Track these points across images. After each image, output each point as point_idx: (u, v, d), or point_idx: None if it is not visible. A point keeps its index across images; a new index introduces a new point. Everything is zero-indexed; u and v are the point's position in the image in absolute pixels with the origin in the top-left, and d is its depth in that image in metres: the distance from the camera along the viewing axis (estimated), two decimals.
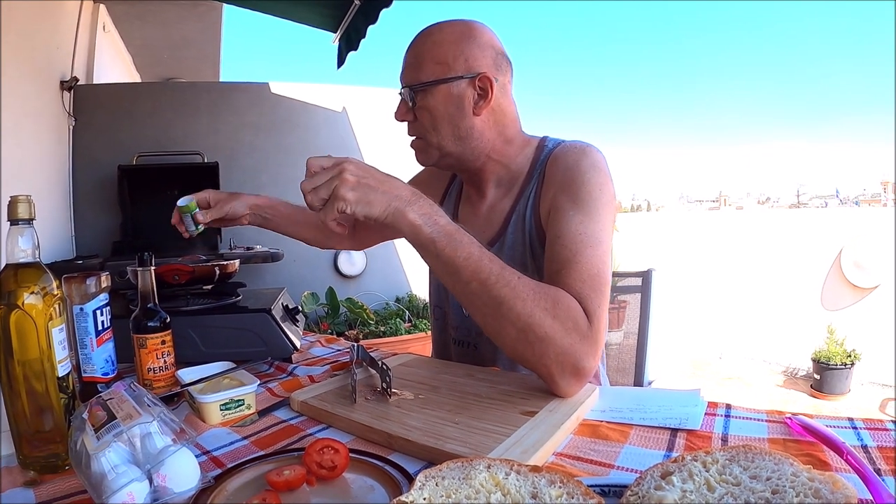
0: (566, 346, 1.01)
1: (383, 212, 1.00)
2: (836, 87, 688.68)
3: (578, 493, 0.62)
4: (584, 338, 1.02)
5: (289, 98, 4.97)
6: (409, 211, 1.01)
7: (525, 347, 1.02)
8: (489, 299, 1.01)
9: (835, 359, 4.79)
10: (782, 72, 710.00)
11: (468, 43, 1.29)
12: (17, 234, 0.84)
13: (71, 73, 4.14)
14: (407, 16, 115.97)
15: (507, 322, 1.01)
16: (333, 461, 0.76)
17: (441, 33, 1.31)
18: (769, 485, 0.58)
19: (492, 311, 1.02)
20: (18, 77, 3.13)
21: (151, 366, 1.16)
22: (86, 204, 4.33)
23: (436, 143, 1.34)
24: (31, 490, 0.78)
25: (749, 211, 13.50)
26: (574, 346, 1.01)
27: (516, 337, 1.02)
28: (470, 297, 1.04)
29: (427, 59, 1.30)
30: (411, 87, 1.32)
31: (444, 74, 1.29)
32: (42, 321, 0.83)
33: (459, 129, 1.32)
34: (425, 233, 1.01)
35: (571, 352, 1.01)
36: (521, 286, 1.02)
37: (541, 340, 1.00)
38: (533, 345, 1.01)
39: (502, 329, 1.03)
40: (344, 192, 0.98)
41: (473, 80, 1.29)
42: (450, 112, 1.30)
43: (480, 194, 1.48)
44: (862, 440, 0.84)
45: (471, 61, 1.29)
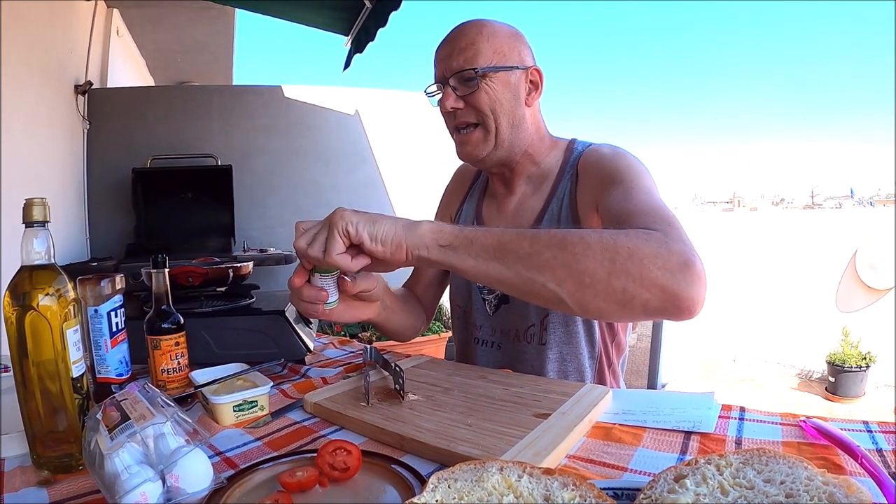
0: (657, 249, 0.90)
1: (392, 232, 0.95)
2: (849, 87, 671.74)
3: (591, 495, 0.62)
4: (668, 236, 0.93)
5: (301, 101, 4.99)
6: (423, 222, 0.97)
7: (620, 279, 0.89)
8: (552, 248, 0.91)
9: (849, 361, 4.75)
10: (796, 71, 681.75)
11: (518, 39, 1.36)
12: (32, 236, 0.85)
13: (85, 77, 4.18)
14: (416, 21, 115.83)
15: (585, 260, 0.89)
16: (346, 463, 0.77)
17: (493, 27, 1.34)
18: (783, 488, 0.58)
19: (560, 261, 0.90)
20: (33, 81, 3.16)
21: (165, 367, 1.17)
22: (100, 206, 4.37)
23: (493, 128, 1.35)
24: (45, 490, 0.79)
25: (763, 212, 13.43)
26: (664, 245, 0.90)
27: (604, 273, 0.89)
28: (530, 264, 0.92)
29: (485, 46, 1.31)
30: (475, 70, 1.30)
31: (503, 62, 1.32)
32: (57, 322, 0.84)
33: (514, 117, 1.35)
34: (449, 228, 0.96)
35: (666, 252, 0.90)
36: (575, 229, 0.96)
37: (630, 257, 0.89)
38: (626, 268, 0.88)
39: (584, 276, 0.90)
40: (342, 213, 0.96)
41: (527, 71, 1.35)
42: (508, 99, 1.34)
43: (510, 191, 1.49)
44: (877, 443, 0.83)
45: (523, 55, 1.35)
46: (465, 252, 0.94)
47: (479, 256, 0.94)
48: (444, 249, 0.95)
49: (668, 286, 0.88)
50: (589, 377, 1.40)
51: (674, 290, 0.88)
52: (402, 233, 0.95)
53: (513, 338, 1.44)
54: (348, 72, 4.31)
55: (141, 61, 6.60)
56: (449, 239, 0.95)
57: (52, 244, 0.87)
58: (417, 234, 0.95)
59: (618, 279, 0.89)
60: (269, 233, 4.75)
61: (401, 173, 5.18)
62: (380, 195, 5.13)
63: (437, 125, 1.58)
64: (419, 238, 0.95)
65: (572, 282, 0.90)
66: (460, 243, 0.94)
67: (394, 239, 0.95)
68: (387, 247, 0.95)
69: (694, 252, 0.91)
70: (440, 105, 1.37)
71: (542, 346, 1.40)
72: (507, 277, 0.94)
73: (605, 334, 1.43)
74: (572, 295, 0.91)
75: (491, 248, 0.93)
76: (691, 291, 0.89)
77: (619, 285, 0.89)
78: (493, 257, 0.93)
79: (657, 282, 0.88)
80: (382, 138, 5.20)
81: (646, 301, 0.90)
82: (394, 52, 67.03)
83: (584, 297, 0.91)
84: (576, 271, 0.90)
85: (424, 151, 5.14)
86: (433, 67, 1.40)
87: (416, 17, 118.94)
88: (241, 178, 4.40)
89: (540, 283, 0.92)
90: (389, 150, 5.19)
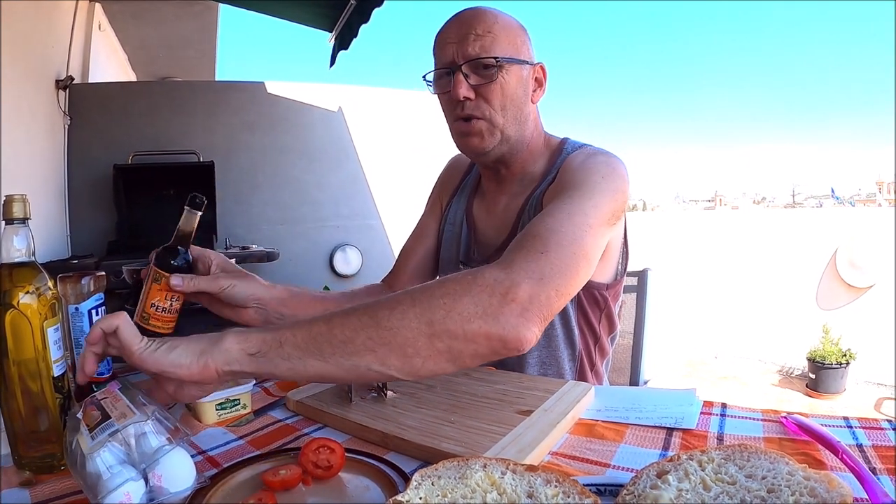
0: (476, 295, 0.85)
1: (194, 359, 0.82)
2: (831, 88, 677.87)
3: (574, 492, 0.62)
4: (495, 273, 0.89)
5: (285, 97, 4.96)
6: (222, 340, 0.85)
7: (443, 336, 0.84)
8: (367, 328, 0.84)
9: (830, 358, 4.80)
10: (778, 72, 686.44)
11: (525, 35, 1.32)
12: (12, 233, 0.84)
13: (66, 72, 4.13)
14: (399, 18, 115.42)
15: (404, 331, 0.84)
16: (329, 461, 0.76)
17: (505, 19, 1.29)
18: (765, 484, 0.58)
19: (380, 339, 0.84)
20: (13, 76, 3.13)
21: (156, 303, 1.08)
22: (81, 203, 4.32)
23: (501, 124, 1.29)
24: (27, 490, 0.78)
25: (745, 211, 13.53)
26: (485, 286, 0.86)
27: (426, 336, 0.84)
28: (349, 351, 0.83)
29: (502, 36, 1.26)
30: (496, 59, 1.24)
31: (517, 56, 1.28)
32: (37, 321, 0.83)
33: (522, 113, 1.32)
34: (255, 335, 0.86)
35: (486, 293, 0.86)
36: (385, 298, 0.89)
37: (448, 314, 0.84)
38: (446, 326, 0.84)
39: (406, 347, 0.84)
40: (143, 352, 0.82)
41: (534, 67, 1.32)
42: (518, 94, 1.29)
43: (501, 189, 1.46)
44: (857, 439, 0.84)
45: (531, 51, 1.32)
46: (277, 356, 0.83)
47: (292, 357, 0.83)
48: (253, 358, 0.83)
49: (491, 333, 0.84)
50: (569, 379, 1.39)
51: (498, 334, 0.85)
52: (204, 350, 0.83)
53: None
54: (332, 69, 4.30)
55: (123, 56, 6.55)
56: (257, 346, 0.84)
57: (32, 241, 0.86)
58: (223, 349, 0.83)
59: (440, 340, 0.84)
60: (251, 230, 4.72)
61: (384, 171, 5.16)
62: (363, 192, 5.12)
63: (420, 123, 1.58)
64: (225, 353, 0.83)
65: (395, 357, 0.84)
66: (269, 348, 0.84)
67: (194, 360, 0.82)
68: (191, 369, 0.82)
69: (525, 279, 0.88)
70: (451, 92, 1.26)
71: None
72: (328, 371, 0.85)
73: (588, 338, 1.43)
74: (400, 369, 0.85)
75: (303, 345, 0.84)
76: (516, 331, 0.85)
77: (444, 346, 0.84)
78: (307, 354, 0.84)
79: (479, 332, 0.84)
80: (366, 136, 5.19)
81: (474, 351, 0.86)
82: (377, 50, 64.81)
83: (413, 367, 0.85)
84: (396, 346, 0.84)
85: (408, 149, 5.12)
86: (437, 49, 1.32)
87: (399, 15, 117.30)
88: (223, 174, 4.37)
89: (364, 367, 0.84)
90: (373, 148, 5.18)
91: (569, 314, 1.39)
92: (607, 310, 1.42)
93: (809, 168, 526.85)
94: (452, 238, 1.54)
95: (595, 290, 1.38)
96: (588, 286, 1.35)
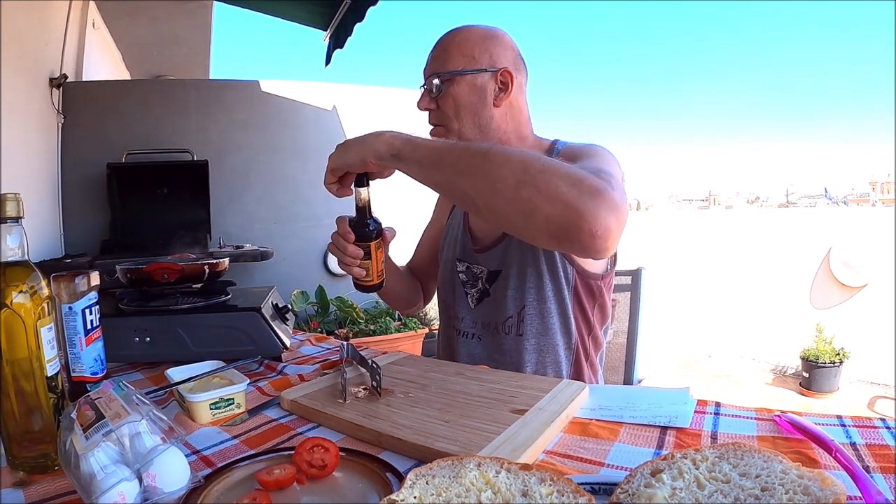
0: (573, 172, 0.93)
1: (356, 153, 1.13)
2: (823, 88, 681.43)
3: (569, 490, 0.62)
4: (593, 176, 0.95)
5: (279, 96, 4.95)
6: (379, 137, 1.11)
7: (528, 189, 0.93)
8: (476, 157, 1.00)
9: (823, 357, 4.82)
10: (771, 72, 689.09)
11: (492, 41, 1.39)
12: (6, 232, 0.84)
13: (60, 70, 4.11)
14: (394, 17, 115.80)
15: (501, 169, 0.96)
16: (324, 460, 0.76)
17: (469, 31, 1.40)
18: (758, 482, 0.59)
19: (480, 168, 0.98)
20: (6, 74, 3.11)
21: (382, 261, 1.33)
22: (74, 202, 4.31)
23: (456, 129, 1.40)
24: (21, 491, 0.78)
25: (738, 210, 13.56)
26: (582, 175, 0.93)
27: (515, 182, 0.94)
28: (455, 170, 1.02)
29: (455, 51, 1.38)
30: (438, 76, 1.39)
31: (470, 66, 1.37)
32: (31, 320, 0.83)
33: (480, 118, 1.39)
34: (402, 137, 1.08)
35: (584, 176, 0.93)
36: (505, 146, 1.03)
37: (542, 171, 0.93)
38: (536, 179, 0.93)
39: (497, 182, 0.96)
40: (331, 154, 1.17)
41: (496, 73, 1.38)
42: (472, 101, 1.38)
43: None
44: (851, 438, 0.84)
45: (494, 57, 1.38)
46: (410, 159, 1.07)
47: (421, 164, 1.06)
48: (395, 157, 1.09)
49: (571, 203, 0.90)
50: (565, 368, 1.44)
51: (577, 207, 0.90)
52: (362, 146, 1.12)
53: (493, 330, 1.48)
54: (327, 67, 4.30)
55: (117, 54, 6.52)
56: (399, 147, 1.08)
57: (25, 240, 0.86)
58: (375, 144, 1.10)
59: (525, 188, 0.93)
60: (245, 229, 4.71)
61: None
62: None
63: (415, 122, 1.59)
64: (375, 148, 1.10)
65: (486, 188, 0.98)
66: (407, 151, 1.07)
67: (355, 155, 1.13)
68: (353, 165, 1.14)
69: (616, 189, 0.93)
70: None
71: (519, 336, 1.44)
72: (441, 182, 1.07)
73: (582, 328, 1.46)
74: (485, 199, 0.99)
75: (431, 156, 1.05)
76: (597, 214, 0.90)
77: (526, 194, 0.94)
78: (431, 164, 1.05)
79: (562, 197, 0.90)
80: (360, 134, 5.18)
81: (548, 215, 0.92)
82: (373, 48, 65.33)
83: (494, 203, 0.99)
84: (491, 178, 0.97)
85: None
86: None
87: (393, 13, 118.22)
88: (217, 173, 4.36)
89: (462, 187, 1.02)
90: None
91: (566, 303, 1.42)
92: (601, 300, 1.47)
93: (803, 167, 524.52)
94: (453, 239, 1.62)
95: (590, 279, 1.43)
96: (583, 275, 1.42)
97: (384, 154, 1.08)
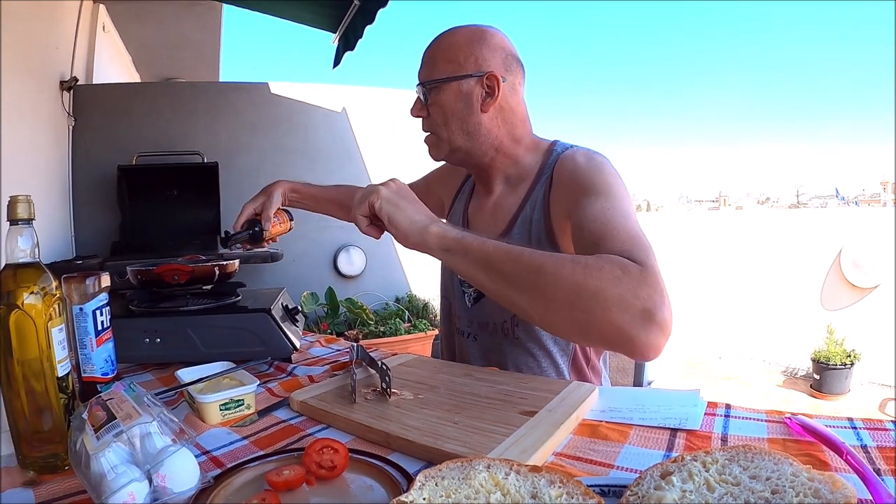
0: (624, 294, 0.90)
1: (406, 225, 1.08)
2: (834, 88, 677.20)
3: (578, 493, 0.62)
4: (640, 281, 0.92)
5: (288, 98, 4.96)
6: (434, 225, 1.07)
7: (582, 313, 0.92)
8: (528, 272, 0.97)
9: (834, 359, 4.79)
10: (781, 72, 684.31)
11: (479, 44, 1.36)
12: (17, 233, 0.84)
13: (70, 73, 4.14)
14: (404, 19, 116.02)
15: (553, 290, 0.94)
16: (333, 461, 0.77)
17: (454, 36, 1.38)
18: (769, 485, 0.58)
19: (533, 285, 0.96)
20: (18, 77, 3.13)
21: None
22: (85, 204, 4.33)
23: (446, 137, 1.40)
24: (31, 490, 0.78)
25: (749, 211, 13.51)
26: (632, 290, 0.90)
27: (568, 304, 0.93)
28: (508, 282, 0.99)
29: (440, 58, 1.37)
30: (424, 84, 1.39)
31: (455, 73, 1.35)
32: (42, 321, 0.83)
33: (468, 124, 1.38)
34: (451, 235, 1.05)
35: (632, 297, 0.90)
36: (556, 255, 0.98)
37: (594, 296, 0.91)
38: (589, 305, 0.91)
39: (550, 303, 0.95)
40: (380, 190, 1.10)
41: (482, 78, 1.35)
42: (459, 108, 1.37)
43: (488, 190, 1.52)
44: (861, 440, 0.84)
45: (480, 61, 1.35)
46: (459, 258, 1.04)
47: (469, 265, 1.03)
48: (444, 252, 1.06)
49: (625, 330, 0.90)
50: (565, 371, 1.42)
51: (630, 334, 0.90)
52: (414, 230, 1.07)
53: (490, 331, 1.47)
54: (336, 69, 4.30)
55: (127, 57, 6.55)
56: (449, 244, 1.05)
57: (36, 242, 0.87)
58: (425, 237, 1.06)
59: (579, 312, 0.92)
60: None
61: (388, 172, 5.12)
62: None
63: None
64: (425, 241, 1.06)
65: (541, 305, 0.97)
66: (458, 249, 1.04)
67: (406, 231, 1.08)
68: (398, 233, 1.09)
69: (664, 299, 0.92)
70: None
71: (515, 339, 1.42)
72: (489, 288, 1.03)
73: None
74: (540, 316, 0.99)
75: (481, 259, 1.01)
76: (648, 338, 0.90)
77: (581, 318, 0.93)
78: (481, 268, 1.02)
79: (615, 324, 0.90)
80: (370, 136, 5.19)
81: (602, 336, 0.94)
82: (383, 50, 65.30)
83: (551, 321, 0.99)
84: (544, 298, 0.96)
85: (412, 150, 5.10)
86: None
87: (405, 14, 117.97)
88: (227, 175, 4.37)
89: (514, 298, 1.00)
90: (377, 149, 5.18)
91: None
92: None
93: (814, 168, 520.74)
94: None
95: None
96: None
97: (434, 247, 1.06)
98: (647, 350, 0.91)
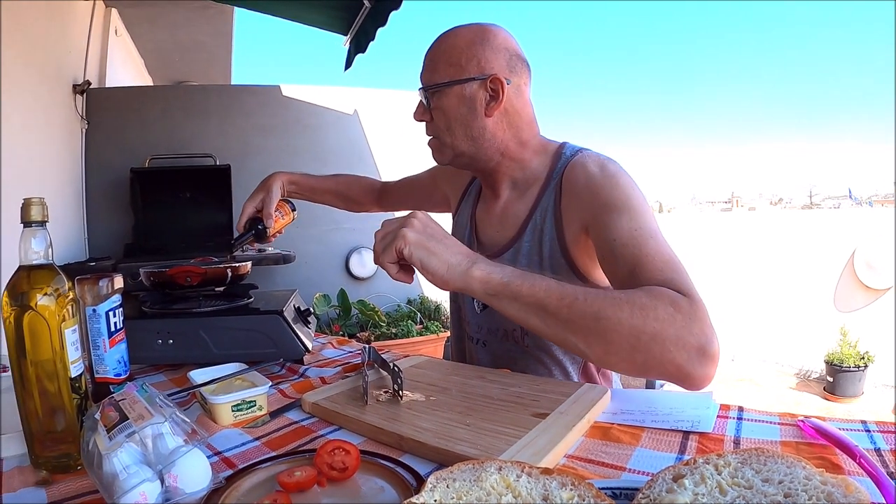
0: (680, 332, 0.93)
1: (443, 271, 1.02)
2: (848, 87, 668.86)
3: (590, 495, 0.62)
4: (691, 316, 0.95)
5: (299, 100, 4.98)
6: (475, 267, 1.02)
7: (641, 354, 0.95)
8: (586, 318, 0.96)
9: (848, 361, 4.76)
10: (793, 71, 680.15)
11: (481, 46, 1.31)
12: (31, 235, 0.85)
13: (83, 77, 4.17)
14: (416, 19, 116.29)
15: (613, 335, 0.95)
16: (344, 462, 0.77)
17: (456, 37, 1.34)
18: (781, 488, 0.58)
19: (592, 330, 0.96)
20: (31, 80, 3.16)
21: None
22: (98, 206, 4.36)
23: (449, 142, 1.37)
24: (43, 490, 0.79)
25: (761, 212, 13.45)
26: (686, 327, 0.94)
27: (629, 347, 0.95)
28: (565, 328, 0.98)
29: (441, 61, 1.33)
30: (426, 89, 1.36)
31: (457, 76, 1.31)
32: (55, 322, 0.84)
33: (472, 129, 1.34)
34: (497, 278, 1.01)
35: (688, 335, 0.94)
36: (611, 295, 0.98)
37: (653, 339, 0.93)
38: (649, 347, 0.94)
39: (611, 346, 0.96)
40: (406, 234, 1.02)
41: (485, 81, 1.30)
42: (462, 113, 1.33)
43: (495, 194, 1.49)
44: (875, 443, 0.83)
45: (483, 63, 1.30)
46: (508, 302, 1.01)
47: (520, 310, 1.00)
48: (490, 297, 1.02)
49: (683, 367, 0.94)
50: (575, 378, 1.40)
51: (688, 371, 0.94)
52: (454, 276, 1.02)
53: (500, 337, 1.46)
54: (348, 71, 4.31)
55: (139, 61, 6.60)
56: (496, 289, 1.01)
57: (50, 244, 0.87)
58: (468, 281, 1.01)
59: (640, 354, 0.95)
60: None
61: (400, 173, 5.12)
62: None
63: None
64: (468, 286, 1.02)
65: (600, 348, 0.97)
66: (506, 294, 1.00)
67: (444, 277, 1.02)
68: (434, 279, 1.03)
69: (713, 331, 0.96)
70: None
71: (525, 347, 1.41)
72: (543, 331, 1.01)
73: None
74: (599, 357, 1.00)
75: (533, 304, 0.99)
76: (703, 372, 0.94)
77: (641, 359, 0.95)
78: (533, 312, 1.00)
79: (674, 362, 0.94)
80: (382, 138, 5.20)
81: (661, 373, 0.96)
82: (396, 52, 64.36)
83: (609, 361, 1.01)
84: (603, 340, 0.96)
85: (424, 152, 5.09)
86: None
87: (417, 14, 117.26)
88: (239, 177, 4.38)
89: (572, 342, 0.99)
90: (389, 151, 5.19)
91: None
92: None
93: (827, 169, 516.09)
94: (459, 240, 1.55)
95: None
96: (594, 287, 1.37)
97: (478, 292, 1.02)
98: (702, 382, 0.95)
